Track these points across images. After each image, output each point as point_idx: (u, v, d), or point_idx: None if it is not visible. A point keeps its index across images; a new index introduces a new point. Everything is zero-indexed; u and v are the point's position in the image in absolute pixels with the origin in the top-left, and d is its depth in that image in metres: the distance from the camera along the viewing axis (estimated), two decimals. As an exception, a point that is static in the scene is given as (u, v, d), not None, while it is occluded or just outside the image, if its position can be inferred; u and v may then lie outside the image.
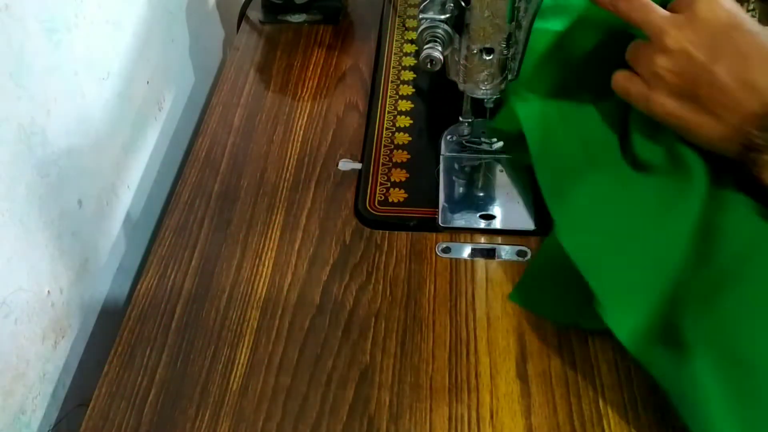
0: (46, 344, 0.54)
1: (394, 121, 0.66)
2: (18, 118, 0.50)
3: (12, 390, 0.50)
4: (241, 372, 0.48)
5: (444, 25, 0.51)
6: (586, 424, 0.44)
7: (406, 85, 0.71)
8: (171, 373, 0.49)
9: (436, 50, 0.51)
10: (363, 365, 0.48)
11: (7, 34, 0.48)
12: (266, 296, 0.53)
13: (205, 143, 0.66)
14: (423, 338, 0.50)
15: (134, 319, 0.52)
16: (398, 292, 0.52)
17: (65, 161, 0.56)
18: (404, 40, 0.77)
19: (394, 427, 0.45)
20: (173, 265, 0.56)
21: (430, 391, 0.47)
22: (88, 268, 0.60)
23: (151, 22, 0.71)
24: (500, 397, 0.46)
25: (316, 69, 0.74)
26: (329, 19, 0.80)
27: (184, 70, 0.82)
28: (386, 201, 0.59)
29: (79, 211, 0.58)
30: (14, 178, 0.49)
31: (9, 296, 0.49)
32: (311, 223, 0.58)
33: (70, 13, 0.56)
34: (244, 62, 0.76)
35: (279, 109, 0.69)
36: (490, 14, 0.50)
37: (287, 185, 0.61)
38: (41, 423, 0.53)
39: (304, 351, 0.49)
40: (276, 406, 0.46)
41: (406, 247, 0.55)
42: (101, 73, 0.62)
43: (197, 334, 0.51)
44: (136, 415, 0.47)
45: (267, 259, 0.55)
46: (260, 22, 0.81)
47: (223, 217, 0.59)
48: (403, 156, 0.63)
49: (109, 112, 0.63)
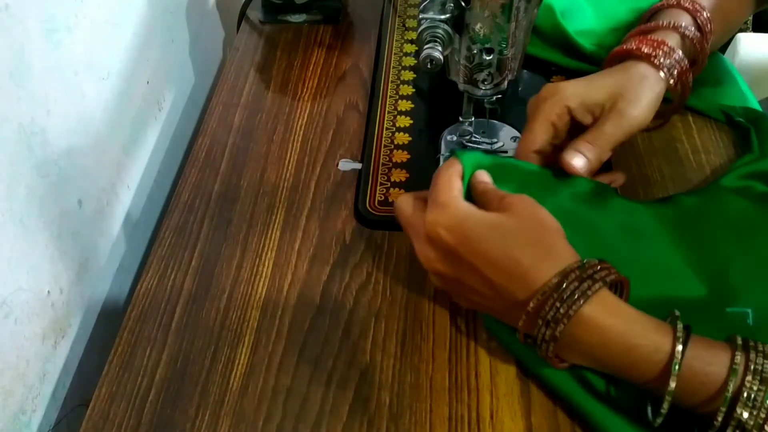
0: (46, 344, 0.54)
1: (394, 121, 0.66)
2: (18, 118, 0.50)
3: (12, 390, 0.50)
4: (241, 372, 0.48)
5: (444, 25, 0.51)
6: (586, 425, 0.44)
7: (406, 85, 0.71)
8: (171, 373, 0.49)
9: (436, 50, 0.51)
10: (363, 365, 0.48)
11: (7, 34, 0.48)
12: (266, 296, 0.53)
13: (205, 143, 0.66)
14: (423, 338, 0.50)
15: (134, 319, 0.52)
16: (398, 292, 0.52)
17: (65, 161, 0.56)
18: (404, 40, 0.77)
19: (394, 427, 0.45)
20: (173, 265, 0.56)
21: (430, 391, 0.47)
22: (88, 268, 0.60)
23: (151, 22, 0.71)
24: (500, 397, 0.46)
25: (316, 69, 0.74)
26: (329, 19, 0.80)
27: (184, 70, 0.82)
28: (386, 201, 0.59)
29: (79, 211, 0.58)
30: (14, 178, 0.49)
31: (9, 296, 0.49)
32: (311, 223, 0.58)
33: (70, 13, 0.56)
34: (244, 62, 0.76)
35: (279, 109, 0.69)
36: (490, 14, 0.50)
37: (287, 185, 0.61)
38: (41, 423, 0.53)
39: (304, 351, 0.49)
40: (276, 406, 0.46)
41: (406, 247, 0.55)
42: (101, 73, 0.62)
43: (197, 334, 0.51)
44: (136, 415, 0.47)
45: (267, 259, 0.55)
46: (260, 22, 0.81)
47: (223, 217, 0.59)
48: (403, 156, 0.63)
49: (109, 112, 0.63)
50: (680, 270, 0.49)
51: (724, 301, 0.47)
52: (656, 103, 0.54)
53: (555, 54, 0.70)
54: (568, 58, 0.69)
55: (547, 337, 0.42)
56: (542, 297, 0.41)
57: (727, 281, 0.48)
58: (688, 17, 0.58)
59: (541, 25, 0.70)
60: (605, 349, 0.41)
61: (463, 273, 0.45)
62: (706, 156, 0.62)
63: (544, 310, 0.41)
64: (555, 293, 0.41)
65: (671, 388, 0.38)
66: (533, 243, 0.43)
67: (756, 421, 0.37)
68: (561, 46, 0.70)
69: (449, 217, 0.45)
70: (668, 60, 0.54)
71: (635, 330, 0.40)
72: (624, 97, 0.52)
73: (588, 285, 0.41)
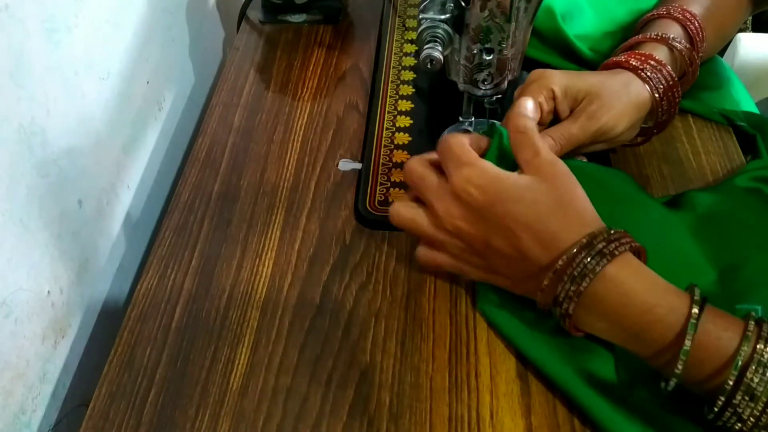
0: (46, 344, 0.54)
1: (394, 121, 0.66)
2: (18, 118, 0.50)
3: (12, 390, 0.50)
4: (241, 372, 0.48)
5: (444, 25, 0.51)
6: (586, 424, 0.44)
7: (406, 85, 0.71)
8: (171, 373, 0.49)
9: (436, 50, 0.51)
10: (363, 365, 0.48)
11: (7, 34, 0.48)
12: (266, 296, 0.53)
13: (205, 143, 0.66)
14: (423, 338, 0.50)
15: (134, 319, 0.52)
16: (398, 292, 0.52)
17: (65, 161, 0.56)
18: (404, 40, 0.77)
19: (394, 427, 0.45)
20: (173, 265, 0.56)
21: (430, 391, 0.47)
22: (88, 268, 0.60)
23: (151, 22, 0.71)
24: (500, 397, 0.46)
25: (316, 69, 0.74)
26: (329, 19, 0.80)
27: (184, 70, 0.82)
28: (386, 201, 0.59)
29: (79, 211, 0.58)
30: (14, 178, 0.49)
31: (9, 296, 0.49)
32: (311, 223, 0.58)
33: (70, 13, 0.56)
34: (244, 62, 0.76)
35: (279, 109, 0.69)
36: (490, 14, 0.50)
37: (287, 185, 0.61)
38: (41, 423, 0.53)
39: (304, 351, 0.49)
40: (276, 406, 0.46)
41: (406, 247, 0.55)
42: (101, 73, 0.62)
43: (197, 334, 0.51)
44: (136, 415, 0.47)
45: (267, 259, 0.55)
46: (260, 22, 0.81)
47: (223, 217, 0.59)
48: (403, 156, 0.63)
49: (109, 112, 0.63)
50: (695, 262, 0.50)
51: (734, 298, 0.47)
52: (635, 114, 0.55)
53: (553, 57, 0.70)
54: (567, 62, 0.69)
55: (571, 293, 0.43)
56: (571, 255, 0.43)
57: (739, 278, 0.49)
58: (677, 27, 0.58)
59: (541, 27, 0.70)
60: (624, 309, 0.42)
61: (489, 233, 0.45)
62: (706, 156, 0.62)
63: (572, 266, 0.42)
64: (584, 251, 0.42)
65: (686, 347, 0.39)
66: (564, 209, 0.44)
67: (765, 387, 0.38)
68: (560, 49, 0.70)
69: (481, 175, 0.45)
70: (656, 75, 0.55)
71: (655, 291, 0.42)
72: (600, 99, 0.53)
73: (614, 246, 0.42)
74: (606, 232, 0.43)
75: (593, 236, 0.43)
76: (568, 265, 0.43)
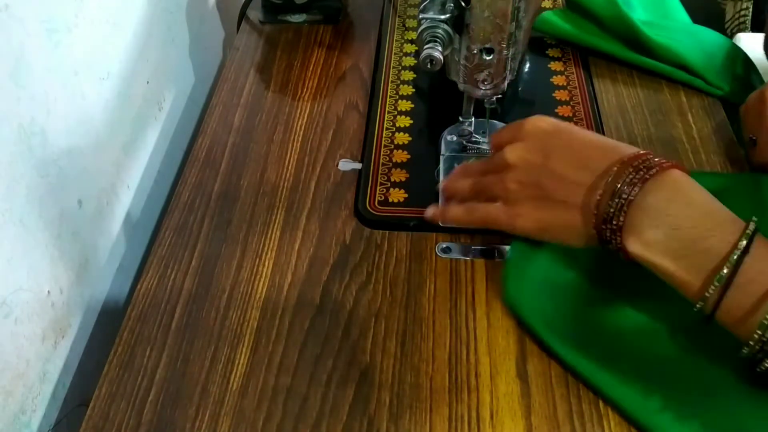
0: (46, 344, 0.54)
1: (394, 121, 0.66)
2: (18, 118, 0.50)
3: (12, 390, 0.50)
4: (241, 372, 0.48)
5: (444, 25, 0.51)
6: (586, 424, 0.44)
7: (406, 85, 0.71)
8: (171, 373, 0.49)
9: (436, 50, 0.51)
10: (363, 365, 0.48)
11: (7, 34, 0.48)
12: (266, 296, 0.53)
13: (205, 143, 0.66)
14: (423, 338, 0.50)
15: (134, 319, 0.52)
16: (398, 292, 0.52)
17: (65, 161, 0.56)
18: (404, 40, 0.77)
19: (394, 427, 0.45)
20: (173, 265, 0.56)
21: (430, 391, 0.47)
22: (88, 268, 0.60)
23: (151, 22, 0.71)
24: (500, 397, 0.46)
25: (316, 69, 0.74)
26: (329, 19, 0.80)
27: (184, 70, 0.82)
28: (386, 201, 0.59)
29: (79, 211, 0.58)
30: (14, 178, 0.49)
31: (9, 296, 0.49)
32: (311, 223, 0.58)
33: (70, 13, 0.56)
34: (244, 62, 0.76)
35: (279, 109, 0.69)
36: (490, 14, 0.50)
37: (287, 185, 0.61)
38: (41, 423, 0.53)
39: (304, 351, 0.49)
40: (276, 406, 0.46)
41: (406, 247, 0.55)
42: (101, 73, 0.62)
43: (197, 334, 0.51)
44: (136, 415, 0.47)
45: (267, 259, 0.55)
46: (260, 22, 0.81)
47: (223, 217, 0.59)
48: (403, 156, 0.63)
49: (109, 112, 0.63)
50: None
51: None
52: None
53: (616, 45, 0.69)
54: (629, 50, 0.69)
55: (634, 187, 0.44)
56: (633, 154, 0.45)
57: None
58: None
59: (602, 14, 0.69)
60: (687, 209, 0.43)
61: (553, 153, 0.48)
62: (706, 156, 0.62)
63: (637, 161, 0.45)
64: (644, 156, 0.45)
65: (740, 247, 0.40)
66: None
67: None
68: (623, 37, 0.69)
69: (547, 117, 0.51)
70: None
71: (714, 202, 0.43)
72: None
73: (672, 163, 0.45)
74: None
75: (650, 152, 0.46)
76: (634, 158, 0.45)
